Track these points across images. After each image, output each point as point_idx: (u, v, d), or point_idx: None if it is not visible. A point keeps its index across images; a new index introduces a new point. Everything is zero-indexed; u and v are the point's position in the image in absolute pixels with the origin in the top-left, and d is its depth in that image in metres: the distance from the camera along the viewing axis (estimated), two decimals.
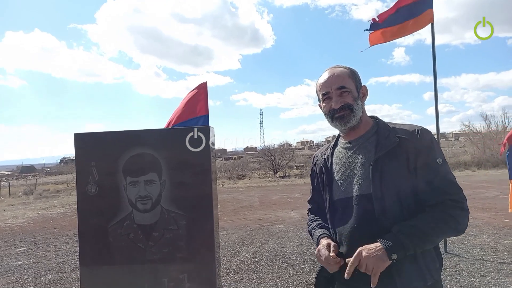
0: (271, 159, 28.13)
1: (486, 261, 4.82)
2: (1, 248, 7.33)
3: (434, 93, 5.63)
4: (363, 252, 1.30)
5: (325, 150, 1.68)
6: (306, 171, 25.95)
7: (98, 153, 1.89)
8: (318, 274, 1.56)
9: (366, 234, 1.38)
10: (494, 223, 7.14)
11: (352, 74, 1.54)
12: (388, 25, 5.61)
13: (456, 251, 5.31)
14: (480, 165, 24.07)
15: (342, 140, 1.61)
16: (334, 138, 1.71)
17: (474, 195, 10.78)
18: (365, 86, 1.58)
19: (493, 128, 29.48)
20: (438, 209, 1.34)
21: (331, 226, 1.55)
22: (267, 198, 13.55)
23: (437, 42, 5.52)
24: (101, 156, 1.88)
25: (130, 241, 1.84)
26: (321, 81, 1.56)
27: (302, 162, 32.27)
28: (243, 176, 26.89)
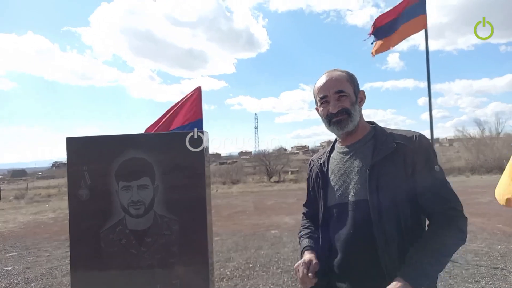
0: (266, 164, 28.17)
1: (480, 266, 4.84)
2: None
3: (428, 98, 5.67)
4: None
5: (321, 155, 1.66)
6: (301, 176, 26.00)
7: (91, 157, 1.86)
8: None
9: (362, 240, 1.36)
10: (488, 229, 7.18)
11: (350, 79, 1.52)
12: (388, 34, 5.74)
13: None
14: (474, 170, 24.28)
15: (339, 145, 1.60)
16: (331, 143, 1.69)
17: (468, 201, 10.84)
18: (363, 91, 1.57)
19: (486, 133, 29.80)
20: (445, 223, 1.32)
21: (325, 232, 1.52)
22: (262, 203, 13.53)
23: (430, 47, 5.58)
24: (93, 160, 1.86)
25: (122, 246, 1.81)
26: (319, 84, 1.54)
27: (297, 167, 32.33)
28: (238, 181, 26.86)
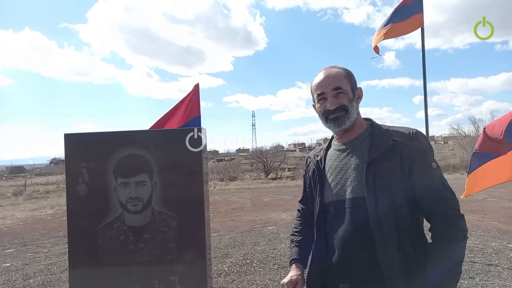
0: (263, 161, 28.15)
1: (475, 263, 4.88)
2: None
3: (424, 96, 5.69)
4: None
5: (318, 152, 1.65)
6: (298, 173, 26.03)
7: (89, 153, 1.87)
8: (308, 277, 1.55)
9: (359, 237, 1.37)
10: (483, 226, 7.24)
11: (348, 75, 1.51)
12: (382, 27, 5.73)
13: None
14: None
15: (336, 142, 1.59)
16: (327, 140, 1.68)
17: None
18: (360, 88, 1.56)
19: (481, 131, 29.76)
20: (449, 228, 1.34)
21: (321, 229, 1.52)
22: (259, 200, 13.55)
23: (426, 46, 5.60)
24: (91, 157, 1.87)
25: (120, 242, 1.83)
26: (316, 81, 1.53)
27: (294, 164, 32.33)
28: (235, 177, 26.86)
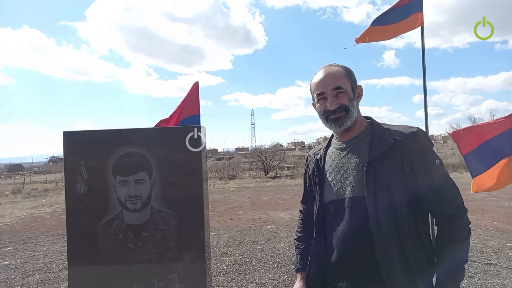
0: (262, 160, 28.14)
1: (474, 262, 4.88)
2: None
3: (423, 96, 5.69)
4: None
5: (318, 150, 1.64)
6: (297, 172, 26.03)
7: (88, 151, 1.87)
8: (308, 277, 1.54)
9: (359, 237, 1.36)
10: (482, 225, 7.25)
11: (348, 74, 1.49)
12: (377, 24, 5.64)
13: None
14: None
15: (336, 140, 1.58)
16: (327, 139, 1.68)
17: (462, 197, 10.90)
18: (360, 86, 1.54)
19: None
20: (451, 227, 1.36)
21: (320, 228, 1.51)
22: (258, 199, 13.55)
23: (426, 45, 5.59)
24: (90, 154, 1.86)
25: (119, 241, 1.82)
26: (315, 80, 1.51)
27: (293, 163, 32.34)
28: (234, 176, 26.85)
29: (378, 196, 1.35)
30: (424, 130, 1.44)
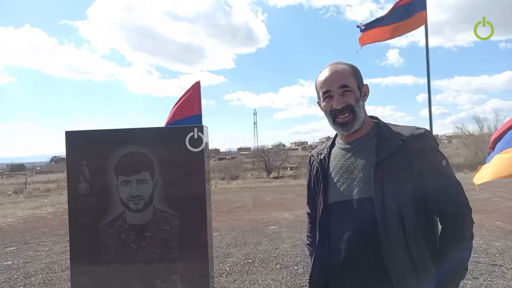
0: (265, 160, 28.17)
1: (478, 263, 4.85)
2: None
3: (428, 95, 5.65)
4: None
5: (321, 150, 1.62)
6: (300, 172, 26.03)
7: (90, 151, 1.85)
8: (310, 279, 1.52)
9: (366, 238, 1.34)
10: (486, 225, 7.20)
11: (354, 72, 1.47)
12: (380, 24, 5.62)
13: None
14: (472, 167, 24.27)
15: (340, 140, 1.55)
16: (330, 138, 1.65)
17: None
18: (366, 85, 1.51)
19: (485, 130, 29.79)
20: (459, 229, 1.35)
21: (324, 229, 1.48)
22: (261, 199, 13.54)
23: (430, 44, 5.55)
24: (92, 154, 1.85)
25: (121, 241, 1.81)
26: (321, 78, 1.48)
27: (296, 163, 32.34)
28: (237, 176, 26.88)
29: (386, 197, 1.33)
30: (430, 132, 1.43)
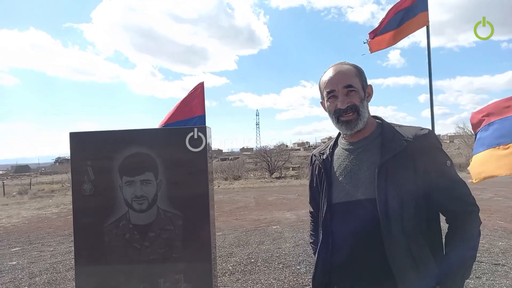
0: (267, 160, 28.13)
1: (481, 262, 4.84)
2: None
3: (429, 95, 5.65)
4: None
5: (323, 150, 1.61)
6: (302, 172, 25.99)
7: (94, 152, 1.87)
8: (313, 278, 1.53)
9: (369, 239, 1.35)
10: (489, 225, 7.18)
11: (359, 73, 1.46)
12: (386, 30, 5.67)
13: None
14: None
15: (343, 140, 1.54)
16: (332, 138, 1.65)
17: None
18: (370, 85, 1.51)
19: None
20: (468, 222, 1.37)
21: (327, 229, 1.49)
22: (263, 199, 13.54)
23: (431, 44, 5.55)
24: (96, 155, 1.87)
25: (126, 241, 1.83)
26: (325, 78, 1.47)
27: (298, 163, 32.30)
28: (239, 176, 26.87)
29: (389, 198, 1.33)
30: (434, 132, 1.43)
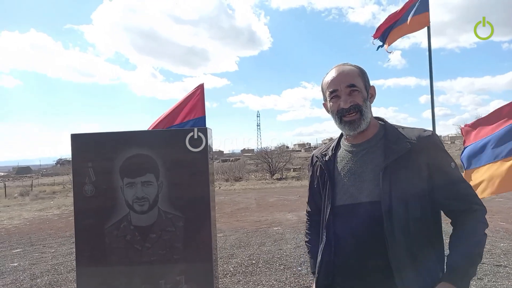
0: (268, 161, 28.14)
1: (483, 263, 4.83)
2: None
3: (430, 96, 5.65)
4: None
5: (325, 151, 1.60)
6: (303, 173, 25.97)
7: (95, 154, 1.87)
8: (317, 281, 1.52)
9: (373, 242, 1.34)
10: (491, 226, 7.16)
11: (361, 73, 1.46)
12: (391, 28, 5.75)
13: None
14: None
15: (346, 142, 1.53)
16: (333, 140, 1.64)
17: None
18: (373, 87, 1.50)
19: None
20: (474, 221, 1.34)
21: (330, 231, 1.47)
22: (264, 200, 13.54)
23: (432, 45, 5.56)
24: (98, 157, 1.87)
25: (127, 242, 1.83)
26: (328, 78, 1.47)
27: (299, 164, 32.28)
28: (240, 178, 26.87)
29: (394, 201, 1.32)
30: (437, 134, 1.43)
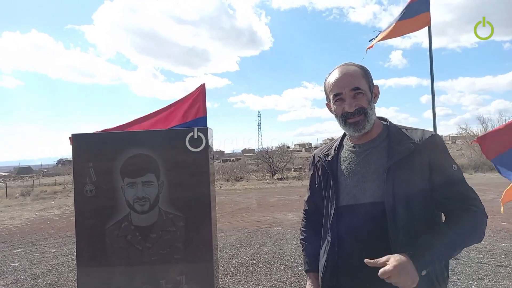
0: (269, 161, 28.13)
1: (484, 264, 4.83)
2: None
3: (431, 96, 5.64)
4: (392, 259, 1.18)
5: (327, 151, 1.59)
6: (304, 174, 25.94)
7: (96, 154, 1.88)
8: (322, 282, 1.51)
9: (376, 242, 1.34)
10: (492, 226, 7.15)
11: (365, 74, 1.45)
12: (388, 26, 5.71)
13: None
14: (477, 168, 24.15)
15: (350, 142, 1.52)
16: (334, 140, 1.63)
17: None
18: (377, 86, 1.49)
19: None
20: (467, 216, 1.32)
21: (333, 232, 1.47)
22: (265, 200, 13.54)
23: (433, 45, 5.56)
24: (98, 157, 1.87)
25: (127, 242, 1.83)
26: (332, 80, 1.45)
27: (300, 164, 32.26)
28: (241, 178, 26.87)
29: (398, 202, 1.32)
30: (440, 135, 1.43)
